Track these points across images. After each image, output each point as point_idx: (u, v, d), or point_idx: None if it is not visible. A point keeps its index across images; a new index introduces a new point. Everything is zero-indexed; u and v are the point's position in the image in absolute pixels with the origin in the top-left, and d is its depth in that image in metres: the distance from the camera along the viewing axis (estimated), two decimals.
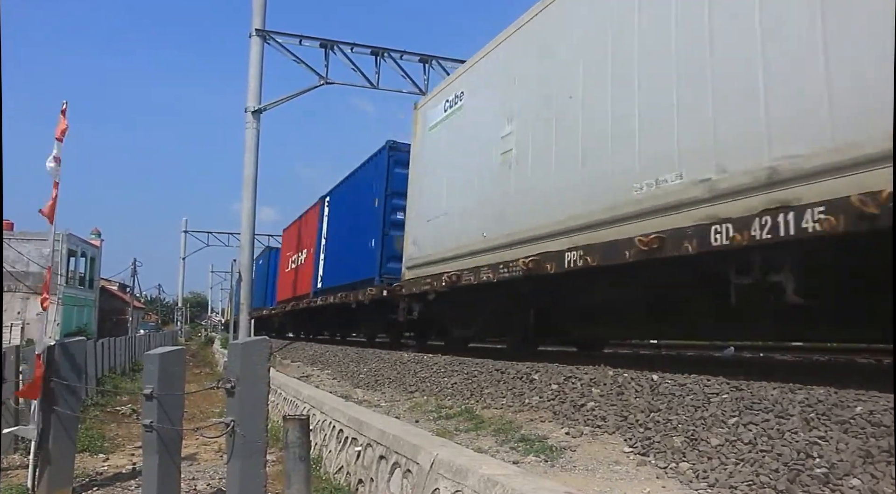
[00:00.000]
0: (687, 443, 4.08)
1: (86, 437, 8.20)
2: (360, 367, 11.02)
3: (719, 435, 3.97)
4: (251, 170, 18.00)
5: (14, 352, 7.94)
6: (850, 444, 3.36)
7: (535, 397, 6.00)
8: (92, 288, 49.78)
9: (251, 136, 18.02)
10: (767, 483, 3.33)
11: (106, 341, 18.09)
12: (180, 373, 5.20)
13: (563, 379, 6.07)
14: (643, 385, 5.23)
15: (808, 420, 3.73)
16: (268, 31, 18.23)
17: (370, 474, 5.27)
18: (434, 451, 4.31)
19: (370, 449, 5.44)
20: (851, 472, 3.16)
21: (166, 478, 4.97)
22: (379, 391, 8.69)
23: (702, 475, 3.64)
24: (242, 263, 18.80)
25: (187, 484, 6.09)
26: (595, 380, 5.74)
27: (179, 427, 5.06)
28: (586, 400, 5.42)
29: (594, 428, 4.86)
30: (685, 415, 4.42)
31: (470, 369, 7.80)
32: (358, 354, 12.56)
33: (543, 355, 8.80)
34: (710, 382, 4.77)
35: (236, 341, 5.41)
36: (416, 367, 9.11)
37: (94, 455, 7.83)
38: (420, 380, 8.40)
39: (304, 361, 15.20)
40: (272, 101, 18.63)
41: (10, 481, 6.42)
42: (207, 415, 10.94)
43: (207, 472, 6.91)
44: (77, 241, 45.30)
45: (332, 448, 6.44)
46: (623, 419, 4.82)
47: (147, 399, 4.94)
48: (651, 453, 4.14)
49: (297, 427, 4.28)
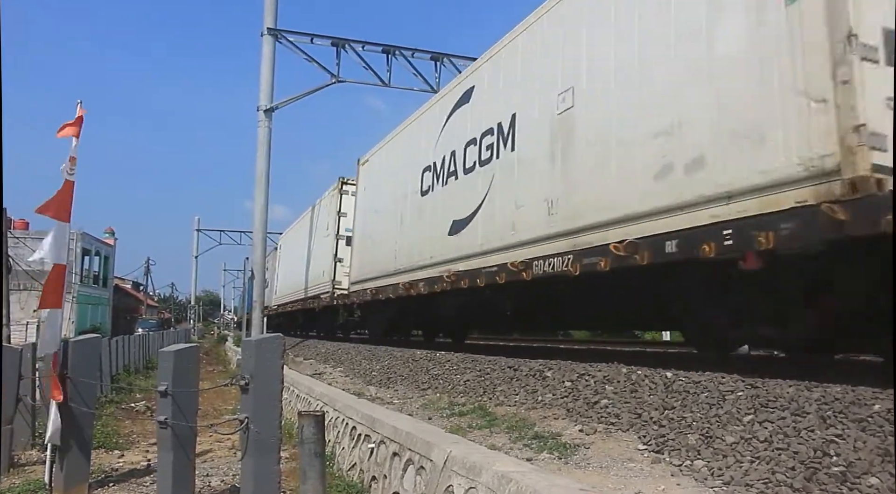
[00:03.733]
0: (702, 441, 4.05)
1: (101, 434, 8.26)
2: (372, 364, 11.04)
3: (734, 433, 3.95)
4: (263, 168, 18.07)
5: (31, 350, 8.00)
6: (867, 442, 3.34)
7: (548, 394, 5.99)
8: (106, 286, 50.07)
9: (263, 134, 18.08)
10: (784, 481, 3.31)
11: (120, 339, 18.21)
12: (194, 370, 5.23)
13: (576, 377, 6.05)
14: (657, 382, 5.21)
15: (825, 417, 3.70)
16: (280, 30, 18.27)
17: (383, 471, 5.28)
18: (447, 448, 4.31)
19: (383, 446, 5.45)
20: (869, 470, 3.14)
21: (181, 474, 5.00)
22: (391, 388, 8.70)
23: (717, 472, 3.62)
24: (255, 261, 18.88)
25: (201, 481, 6.12)
26: (609, 378, 5.73)
27: (194, 424, 5.09)
28: (600, 398, 5.40)
29: (608, 426, 4.85)
30: (700, 413, 4.40)
31: (482, 366, 7.79)
32: (370, 352, 12.57)
33: (556, 352, 8.80)
34: (725, 380, 4.75)
35: (250, 338, 5.43)
36: (429, 365, 9.11)
37: (110, 451, 7.89)
38: (433, 378, 8.40)
39: (317, 359, 15.24)
40: (284, 100, 18.69)
41: (28, 476, 6.48)
42: (221, 413, 10.99)
43: (221, 468, 6.94)
44: (91, 240, 45.58)
45: (346, 445, 6.45)
46: (637, 416, 4.80)
47: (162, 395, 4.97)
48: (665, 450, 4.12)
49: (313, 424, 4.28)
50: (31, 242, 38.70)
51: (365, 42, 18.93)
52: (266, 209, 18.20)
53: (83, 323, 40.21)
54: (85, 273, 44.40)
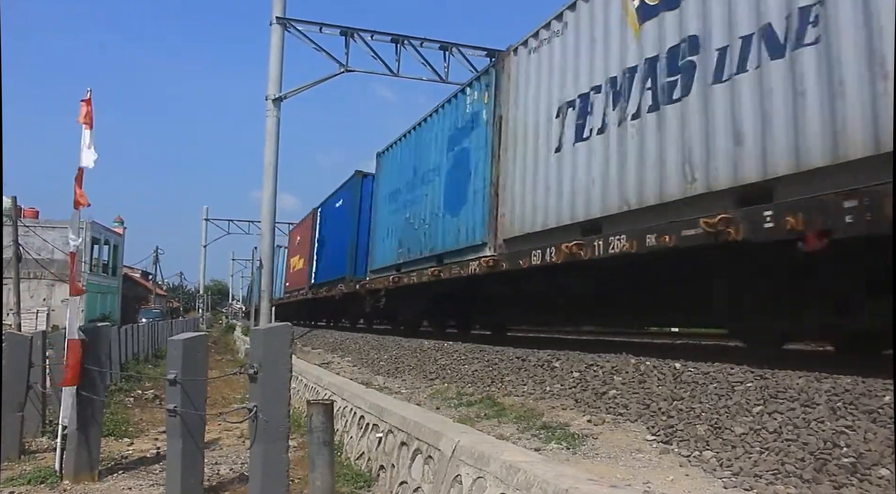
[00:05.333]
0: (710, 432, 4.04)
1: (111, 422, 8.31)
2: (380, 354, 11.06)
3: (743, 424, 3.93)
4: (271, 158, 18.03)
5: (41, 338, 8.05)
6: (878, 434, 3.32)
7: (556, 385, 5.99)
8: (115, 275, 50.35)
9: (272, 124, 18.03)
10: (793, 471, 3.30)
11: (129, 327, 18.31)
12: (203, 359, 5.25)
13: (584, 367, 6.05)
14: (666, 373, 5.20)
15: (835, 409, 3.69)
16: (288, 18, 18.17)
17: (391, 460, 5.30)
18: (456, 438, 4.31)
19: (391, 436, 5.46)
20: (880, 462, 3.12)
21: (190, 462, 5.03)
22: (399, 378, 8.71)
23: (725, 463, 3.61)
24: (263, 250, 18.89)
25: (210, 469, 6.15)
26: (617, 368, 5.72)
27: (203, 412, 5.11)
28: (608, 388, 5.39)
29: (616, 416, 4.84)
30: (709, 404, 4.39)
31: (490, 356, 7.80)
32: (378, 342, 12.60)
33: (564, 343, 8.78)
34: (734, 370, 4.73)
35: (258, 327, 5.44)
36: (437, 355, 9.12)
37: (119, 439, 7.94)
38: (440, 368, 8.41)
39: (325, 348, 15.29)
40: (293, 89, 18.63)
41: (39, 463, 6.53)
42: (229, 402, 11.04)
43: (230, 457, 6.97)
44: (101, 229, 45.82)
45: (354, 435, 6.47)
46: (645, 407, 4.79)
47: (171, 384, 4.99)
48: (674, 441, 4.12)
49: (321, 412, 4.30)
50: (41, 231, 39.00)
51: (374, 31, 18.81)
52: (274, 198, 18.18)
53: (92, 311, 40.43)
54: (94, 262, 44.65)
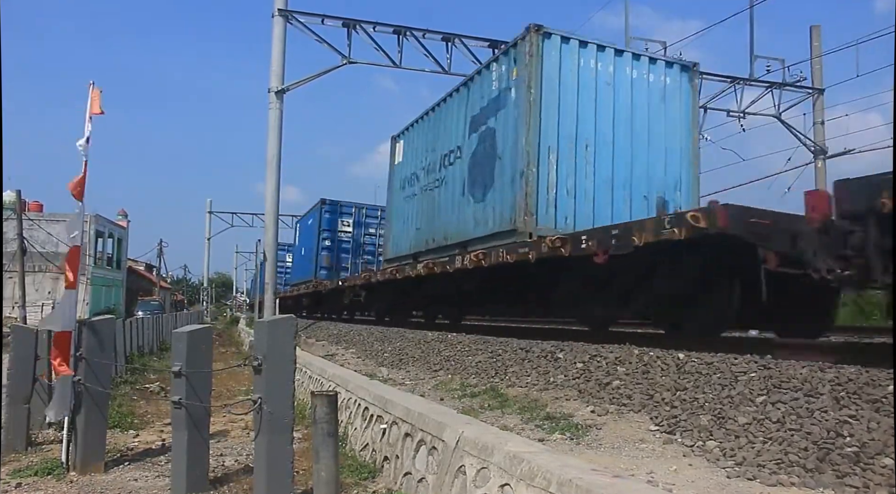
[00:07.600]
0: (714, 422, 4.05)
1: (116, 414, 8.34)
2: (384, 346, 11.08)
3: (747, 414, 3.94)
4: (275, 151, 18.03)
5: (46, 330, 8.07)
6: (881, 423, 3.32)
7: (560, 375, 5.99)
8: (119, 268, 50.44)
9: (274, 117, 18.02)
10: (796, 461, 3.30)
11: (133, 320, 18.35)
12: (208, 351, 5.27)
13: (588, 358, 6.05)
14: (669, 363, 5.20)
15: (839, 398, 3.69)
16: (290, 10, 18.15)
17: (395, 451, 5.31)
18: (460, 429, 4.32)
19: (395, 427, 5.47)
20: (883, 451, 3.13)
21: (195, 454, 5.06)
22: (403, 369, 8.73)
23: (729, 453, 3.62)
24: (267, 243, 18.90)
25: (215, 460, 6.17)
26: (620, 359, 5.72)
27: (207, 404, 5.13)
28: (612, 379, 5.40)
29: (620, 407, 4.85)
30: (712, 394, 4.39)
31: (494, 348, 7.81)
32: (382, 333, 12.63)
33: (567, 334, 8.79)
34: (738, 361, 4.73)
35: (263, 319, 5.46)
36: (441, 346, 9.14)
37: (125, 431, 7.97)
38: (444, 359, 8.43)
39: (329, 340, 15.32)
40: (295, 82, 18.61)
41: (45, 455, 6.57)
42: (234, 394, 11.07)
43: (235, 448, 7.00)
44: (104, 222, 45.85)
45: (358, 426, 6.49)
46: (649, 397, 4.80)
47: (176, 376, 5.01)
48: (677, 431, 4.13)
49: (326, 403, 4.31)
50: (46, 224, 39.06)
51: (376, 23, 18.76)
52: (278, 191, 18.18)
53: (97, 304, 40.55)
54: (98, 255, 44.73)
